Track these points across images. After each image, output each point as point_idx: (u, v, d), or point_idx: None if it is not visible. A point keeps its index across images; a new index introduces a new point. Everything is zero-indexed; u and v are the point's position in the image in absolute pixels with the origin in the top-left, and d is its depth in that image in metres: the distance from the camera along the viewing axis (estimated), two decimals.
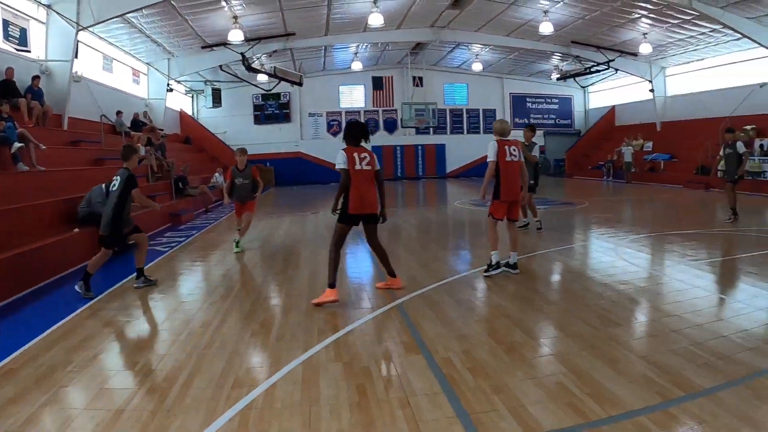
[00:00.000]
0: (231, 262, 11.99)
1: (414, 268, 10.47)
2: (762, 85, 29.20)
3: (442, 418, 4.51)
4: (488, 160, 9.33)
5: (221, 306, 8.34)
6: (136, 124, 25.62)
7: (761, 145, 27.01)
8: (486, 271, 9.49)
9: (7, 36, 17.53)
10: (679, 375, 5.10)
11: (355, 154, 8.22)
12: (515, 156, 9.39)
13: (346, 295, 8.64)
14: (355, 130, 8.54)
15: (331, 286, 8.03)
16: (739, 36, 26.65)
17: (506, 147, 9.34)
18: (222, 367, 5.75)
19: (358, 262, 11.83)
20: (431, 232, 16.39)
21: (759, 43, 26.93)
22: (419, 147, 41.29)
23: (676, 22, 27.60)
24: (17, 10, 17.95)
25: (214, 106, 37.31)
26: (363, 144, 8.48)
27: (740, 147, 15.86)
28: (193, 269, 11.84)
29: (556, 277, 10.16)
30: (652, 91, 36.71)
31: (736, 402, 4.54)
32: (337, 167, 8.27)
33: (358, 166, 8.15)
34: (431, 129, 40.97)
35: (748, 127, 28.37)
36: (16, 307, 8.69)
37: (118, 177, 9.17)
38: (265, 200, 27.07)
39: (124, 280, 10.00)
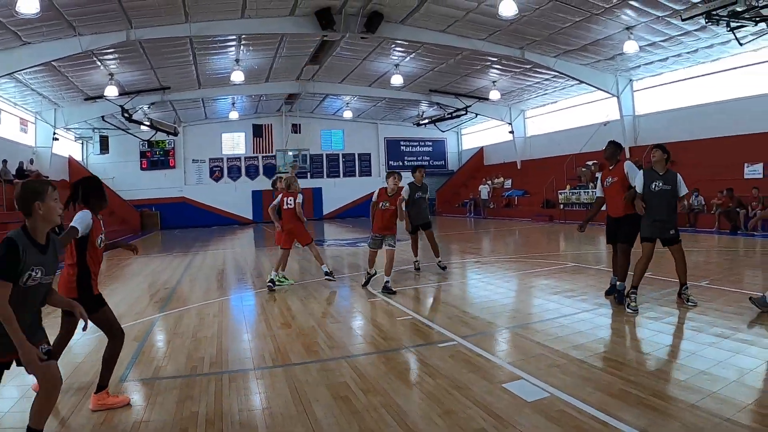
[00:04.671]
0: None
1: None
2: (605, 124, 32.05)
3: None
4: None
5: None
6: (22, 172, 26.66)
7: (597, 178, 29.46)
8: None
9: None
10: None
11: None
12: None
13: None
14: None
15: None
16: (579, 80, 29.55)
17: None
18: None
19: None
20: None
21: (594, 86, 30.17)
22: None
23: (518, 70, 30.42)
24: None
25: (102, 153, 38.22)
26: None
27: None
28: None
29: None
30: (511, 132, 39.76)
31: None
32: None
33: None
34: (308, 173, 42.45)
35: (590, 163, 31.28)
36: None
37: None
38: (152, 241, 28.81)
39: None
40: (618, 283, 9.32)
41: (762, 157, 22.98)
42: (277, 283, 12.28)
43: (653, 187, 8.65)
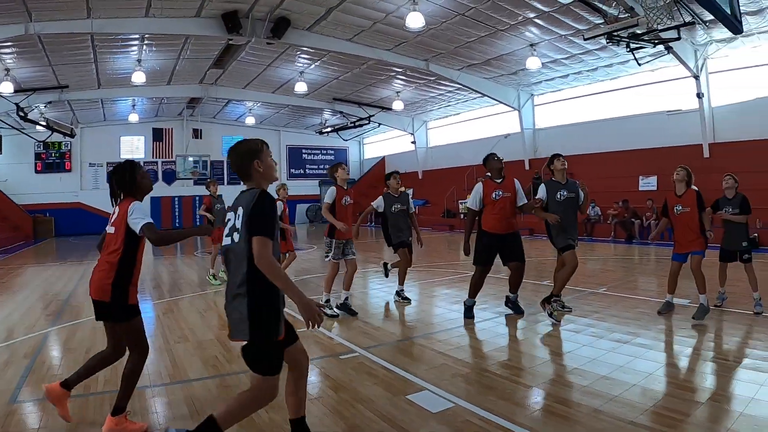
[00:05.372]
0: None
1: None
2: (506, 136, 32.75)
3: None
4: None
5: None
6: None
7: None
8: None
9: None
10: None
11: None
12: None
13: None
14: None
15: None
16: (482, 94, 30.12)
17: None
18: None
19: None
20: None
21: (496, 100, 30.70)
22: (197, 198, 40.43)
23: (422, 82, 30.69)
24: None
25: None
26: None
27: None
28: None
29: None
30: (413, 143, 40.14)
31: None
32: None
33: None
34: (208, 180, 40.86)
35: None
36: None
37: None
38: (46, 249, 27.66)
39: None
40: (511, 294, 9.35)
41: (656, 170, 24.03)
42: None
43: (558, 197, 8.69)
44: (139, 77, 25.59)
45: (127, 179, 5.20)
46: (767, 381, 5.82)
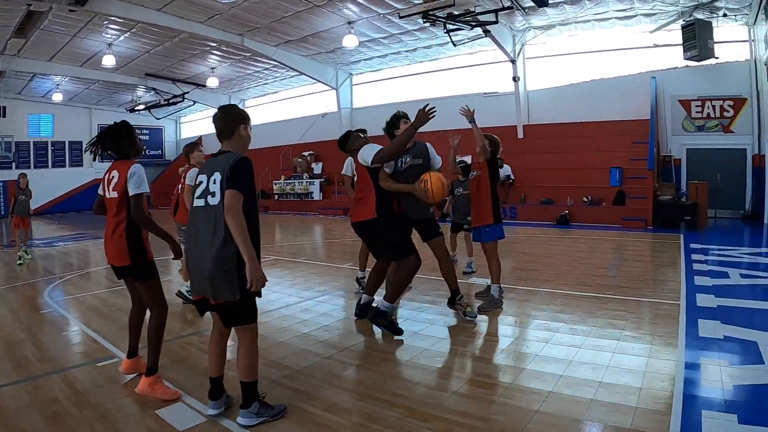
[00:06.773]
0: None
1: None
2: (323, 115, 32.67)
3: None
4: None
5: None
6: None
7: (312, 168, 30.91)
8: None
9: None
10: None
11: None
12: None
13: None
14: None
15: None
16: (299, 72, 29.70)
17: None
18: None
19: None
20: None
21: (314, 78, 30.39)
22: None
23: (238, 58, 29.69)
24: None
25: None
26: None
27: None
28: None
29: None
30: None
31: None
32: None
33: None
34: (13, 164, 37.42)
35: (306, 153, 31.86)
36: None
37: None
38: None
39: None
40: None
41: (470, 150, 24.33)
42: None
43: (400, 165, 7.16)
44: None
45: (124, 141, 5.23)
46: (577, 355, 5.80)
